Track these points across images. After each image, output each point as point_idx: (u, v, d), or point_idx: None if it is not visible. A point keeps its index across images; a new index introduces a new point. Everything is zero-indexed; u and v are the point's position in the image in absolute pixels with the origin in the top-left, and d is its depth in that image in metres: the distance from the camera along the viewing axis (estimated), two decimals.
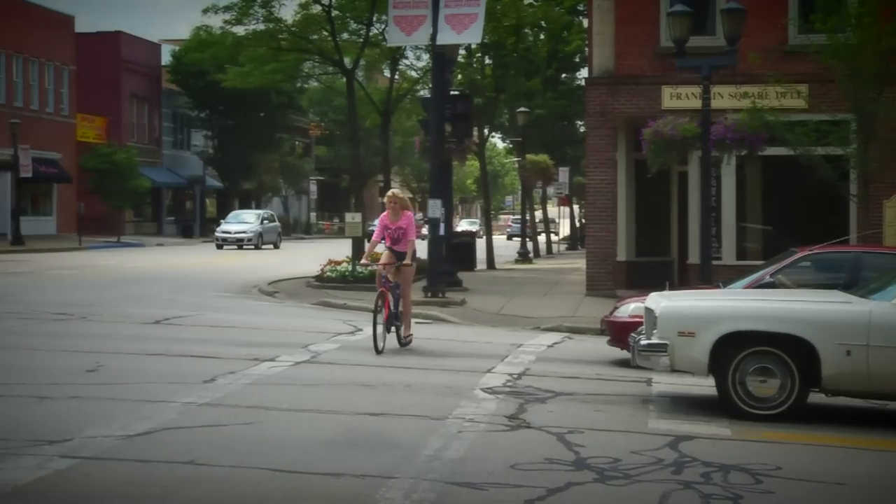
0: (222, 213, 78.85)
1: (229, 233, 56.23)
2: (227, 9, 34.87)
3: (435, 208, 24.53)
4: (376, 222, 16.19)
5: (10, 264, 36.28)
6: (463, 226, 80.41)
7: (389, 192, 15.82)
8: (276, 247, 57.17)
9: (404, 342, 15.69)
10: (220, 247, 55.00)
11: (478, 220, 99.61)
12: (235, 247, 54.72)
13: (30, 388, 11.11)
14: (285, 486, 7.86)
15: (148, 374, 12.48)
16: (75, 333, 16.46)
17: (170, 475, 7.93)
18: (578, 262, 39.22)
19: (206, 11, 36.25)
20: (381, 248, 16.37)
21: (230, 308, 22.32)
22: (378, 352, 14.80)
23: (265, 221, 58.59)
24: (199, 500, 7.45)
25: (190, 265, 38.39)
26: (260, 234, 56.61)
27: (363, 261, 16.65)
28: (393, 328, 15.60)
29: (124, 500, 7.31)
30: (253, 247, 54.92)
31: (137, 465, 8.21)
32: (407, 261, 15.53)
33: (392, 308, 15.37)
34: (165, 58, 76.00)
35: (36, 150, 55.70)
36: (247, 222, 57.65)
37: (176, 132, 79.70)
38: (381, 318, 15.04)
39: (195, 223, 75.08)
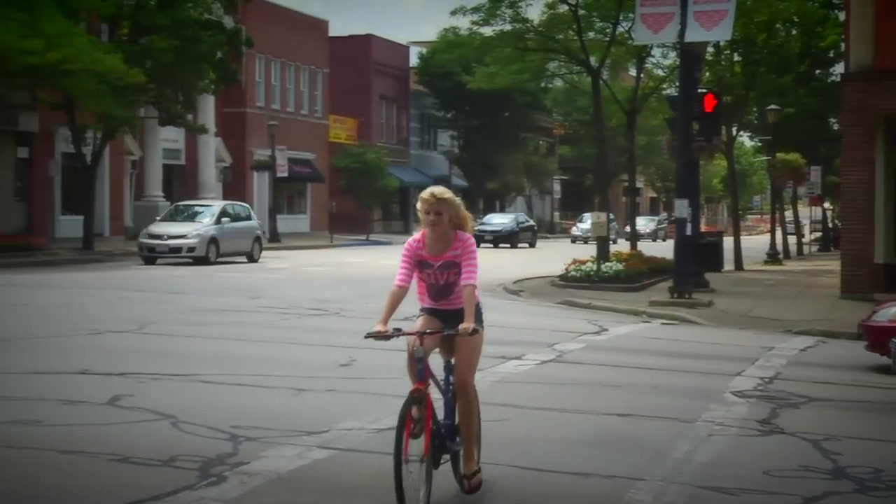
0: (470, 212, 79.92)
1: (160, 238, 35.10)
2: (474, 10, 35.37)
3: (682, 208, 24.16)
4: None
5: (268, 261, 37.86)
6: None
7: (426, 194, 7.36)
8: (253, 259, 37.17)
9: (468, 487, 7.50)
10: (150, 261, 34.64)
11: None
12: (191, 260, 34.90)
13: (289, 381, 11.55)
14: (534, 483, 7.89)
15: (397, 369, 12.65)
16: (330, 328, 17.02)
17: None
18: (831, 264, 37.86)
19: (454, 13, 36.90)
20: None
21: None
22: None
23: (225, 220, 36.69)
24: (449, 494, 7.56)
25: None
26: (212, 240, 35.33)
27: (377, 328, 7.30)
28: (444, 458, 7.51)
29: (378, 492, 7.48)
30: (192, 259, 34.84)
31: (389, 458, 8.39)
32: (469, 323, 7.21)
33: (441, 420, 7.49)
34: (413, 59, 77.71)
35: (291, 151, 58.03)
36: (193, 221, 36.20)
37: (423, 132, 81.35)
38: (416, 446, 7.06)
39: None
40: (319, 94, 67.28)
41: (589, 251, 38.18)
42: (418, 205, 7.38)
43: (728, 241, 39.43)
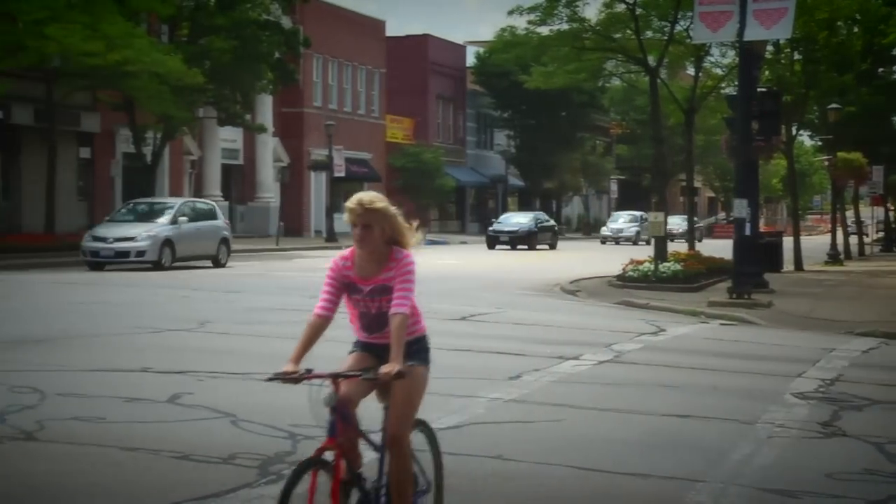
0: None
1: (104, 241, 30.72)
2: (531, 10, 35.32)
3: (741, 208, 23.94)
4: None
5: (325, 260, 38.05)
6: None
7: (352, 202, 6.02)
8: (219, 263, 32.99)
9: None
10: (96, 267, 30.22)
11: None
12: (149, 265, 30.67)
13: None
14: (591, 484, 7.86)
15: (456, 368, 12.77)
16: None
17: (479, 469, 8.08)
18: (894, 265, 37.35)
19: (510, 13, 36.86)
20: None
21: (533, 306, 22.56)
22: None
23: (182, 220, 32.30)
24: (507, 493, 7.56)
25: (492, 263, 39.09)
26: (166, 243, 31.06)
27: (285, 368, 5.89)
28: None
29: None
30: (150, 265, 30.56)
31: (448, 457, 8.35)
32: (394, 364, 5.82)
33: (375, 482, 6.04)
34: (470, 59, 77.76)
35: (348, 151, 58.28)
36: (146, 222, 31.87)
37: (479, 132, 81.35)
38: None
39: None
40: (376, 94, 67.50)
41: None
42: (345, 216, 6.05)
43: (788, 242, 39.04)
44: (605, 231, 67.99)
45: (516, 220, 57.06)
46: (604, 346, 15.57)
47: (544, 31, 36.60)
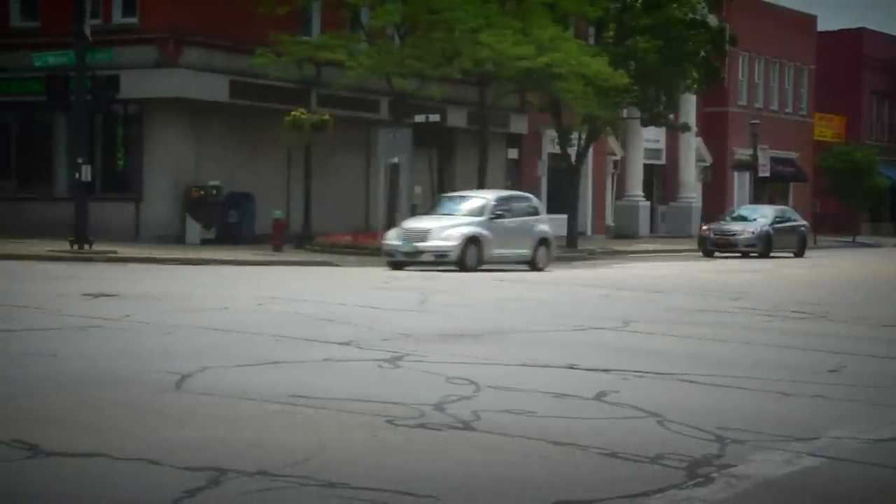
0: None
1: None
2: None
3: None
4: None
5: (748, 262, 37.22)
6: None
7: None
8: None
9: None
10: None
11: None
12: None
13: (772, 384, 11.27)
14: None
15: (893, 377, 12.15)
16: (815, 332, 16.46)
17: None
18: None
19: None
20: None
21: None
22: None
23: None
24: None
25: None
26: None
27: None
28: None
29: None
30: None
31: (886, 470, 7.98)
32: None
33: None
34: None
35: (773, 150, 56.87)
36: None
37: None
38: None
39: None
40: (804, 92, 65.42)
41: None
42: None
43: None
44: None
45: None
46: None
47: None
